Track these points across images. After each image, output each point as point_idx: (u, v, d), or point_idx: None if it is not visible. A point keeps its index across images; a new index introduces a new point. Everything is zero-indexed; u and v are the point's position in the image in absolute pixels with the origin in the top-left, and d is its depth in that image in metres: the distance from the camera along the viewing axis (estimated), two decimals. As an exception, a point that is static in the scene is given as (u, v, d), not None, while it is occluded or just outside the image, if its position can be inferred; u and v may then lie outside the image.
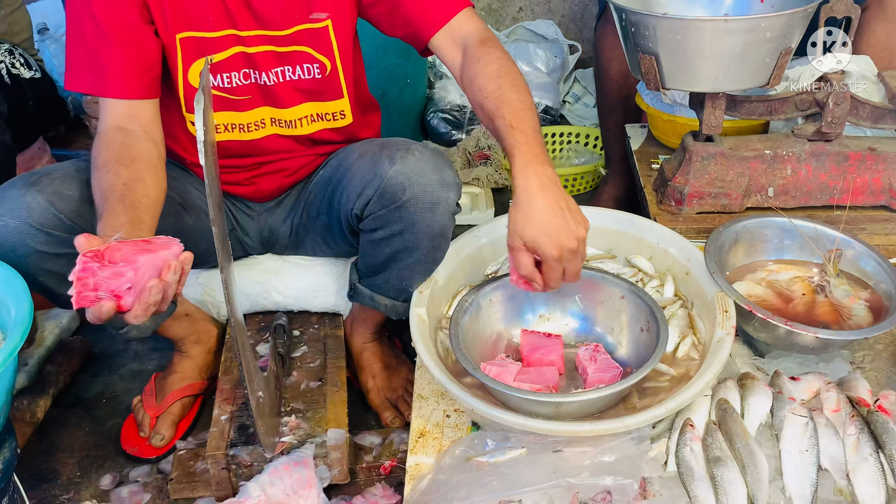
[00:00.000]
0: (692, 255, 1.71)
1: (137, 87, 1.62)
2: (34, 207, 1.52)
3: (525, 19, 3.76)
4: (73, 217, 1.55)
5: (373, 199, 1.61)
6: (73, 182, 1.58)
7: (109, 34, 1.58)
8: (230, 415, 1.75)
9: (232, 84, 1.71)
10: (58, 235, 1.54)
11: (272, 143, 1.79)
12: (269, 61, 1.70)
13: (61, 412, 2.05)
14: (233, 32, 1.66)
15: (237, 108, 1.74)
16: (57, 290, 1.62)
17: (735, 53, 1.69)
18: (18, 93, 2.16)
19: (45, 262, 1.56)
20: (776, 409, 1.48)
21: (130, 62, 1.60)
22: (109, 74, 1.59)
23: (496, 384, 1.43)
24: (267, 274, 2.02)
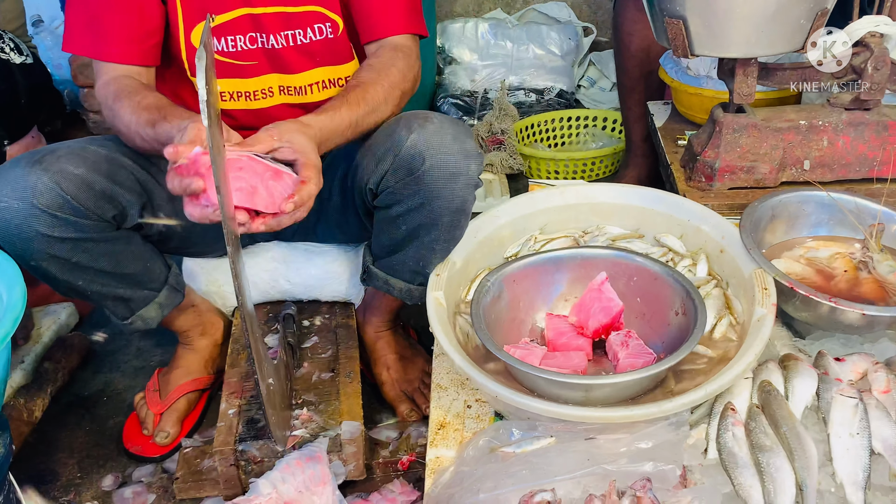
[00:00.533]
0: (727, 232, 1.64)
1: (138, 52, 1.59)
2: (39, 188, 1.47)
3: (537, 2, 3.70)
4: (79, 198, 1.50)
5: (389, 172, 1.55)
6: (78, 160, 1.53)
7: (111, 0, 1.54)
8: (238, 409, 1.69)
9: (237, 48, 1.66)
10: (63, 217, 1.50)
11: (281, 112, 1.73)
12: (276, 23, 1.65)
13: (60, 411, 2.00)
14: None
15: (243, 75, 1.69)
16: (61, 276, 1.58)
17: (769, 14, 1.62)
18: (8, 78, 2.11)
19: (49, 247, 1.51)
20: (822, 391, 1.42)
21: (131, 26, 1.57)
22: (110, 37, 1.57)
23: (523, 365, 1.37)
24: (275, 262, 1.96)
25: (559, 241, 1.75)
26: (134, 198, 1.59)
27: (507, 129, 2.93)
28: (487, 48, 3.45)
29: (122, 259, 1.63)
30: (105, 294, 1.65)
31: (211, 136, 1.02)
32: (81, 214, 1.52)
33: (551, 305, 1.65)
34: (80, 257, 1.56)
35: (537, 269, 1.63)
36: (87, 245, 1.55)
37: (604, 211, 1.80)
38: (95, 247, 1.57)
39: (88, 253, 1.56)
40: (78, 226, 1.52)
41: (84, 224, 1.53)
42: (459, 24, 3.48)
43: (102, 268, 1.60)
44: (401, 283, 1.72)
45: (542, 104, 3.29)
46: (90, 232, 1.54)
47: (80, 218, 1.52)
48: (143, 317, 1.72)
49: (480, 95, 3.33)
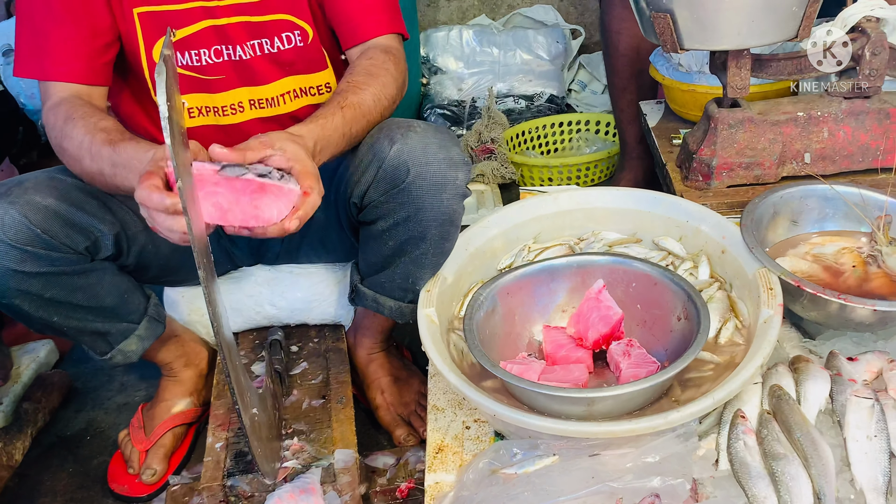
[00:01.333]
0: (727, 232, 1.62)
1: (87, 70, 1.54)
2: (7, 222, 1.44)
3: (522, 6, 3.70)
4: (49, 230, 1.48)
5: (372, 184, 1.52)
6: (47, 190, 1.50)
7: (57, 10, 1.50)
8: (226, 441, 1.66)
9: (202, 62, 1.63)
10: (34, 252, 1.47)
11: (253, 127, 1.69)
12: (242, 34, 1.63)
13: (42, 453, 1.97)
14: (200, 4, 1.59)
15: (210, 90, 1.66)
16: (35, 313, 1.54)
17: (759, 3, 1.60)
18: (-23, 110, 2.09)
19: (21, 283, 1.49)
20: (836, 393, 1.39)
21: (79, 42, 1.53)
22: (56, 55, 1.52)
23: (521, 382, 1.34)
24: (259, 286, 1.93)
25: (554, 250, 1.72)
26: (106, 227, 1.56)
27: (497, 137, 2.91)
28: (473, 55, 3.44)
29: (98, 292, 1.60)
30: (82, 329, 1.62)
31: (175, 156, 0.99)
32: (52, 247, 1.49)
33: (548, 317, 1.62)
34: (54, 292, 1.52)
35: (531, 279, 1.60)
36: (60, 279, 1.52)
37: (599, 216, 1.77)
38: (69, 280, 1.54)
39: (62, 287, 1.53)
40: (49, 259, 1.49)
41: (56, 257, 1.50)
42: (443, 33, 3.47)
43: (78, 302, 1.57)
44: (391, 302, 1.70)
45: (533, 110, 3.27)
46: (63, 265, 1.51)
47: (52, 251, 1.49)
48: (124, 351, 1.69)
49: (468, 104, 3.31)
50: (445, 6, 3.69)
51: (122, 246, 1.61)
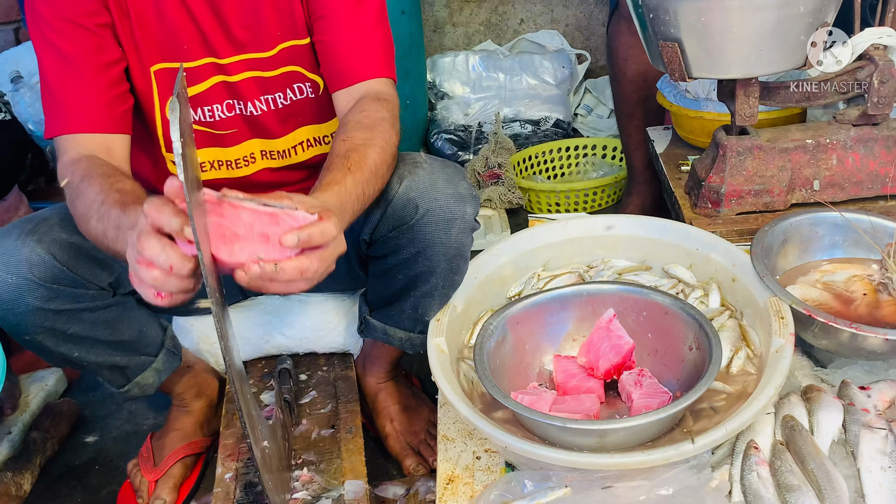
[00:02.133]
0: (738, 260, 1.62)
1: (107, 118, 1.49)
2: (34, 260, 1.44)
3: (527, 31, 3.72)
4: (75, 267, 1.48)
5: (381, 222, 1.52)
6: (72, 227, 1.48)
7: (74, 61, 1.48)
8: (235, 472, 1.66)
9: (215, 117, 1.63)
10: (60, 289, 1.47)
11: (264, 176, 1.71)
12: (253, 89, 1.62)
13: (50, 483, 1.97)
14: (212, 61, 1.58)
15: (223, 144, 1.66)
16: (56, 349, 1.55)
17: (767, 32, 1.61)
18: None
19: (45, 320, 1.49)
20: (849, 423, 1.39)
21: (96, 91, 1.49)
22: (73, 106, 1.48)
23: (532, 413, 1.34)
24: (268, 314, 1.94)
25: (564, 278, 1.72)
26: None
27: (503, 162, 2.92)
28: (479, 81, 3.46)
29: (119, 326, 1.60)
30: (101, 363, 1.63)
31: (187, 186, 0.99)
32: (78, 284, 1.49)
33: (559, 346, 1.62)
34: (77, 328, 1.53)
35: (541, 308, 1.60)
36: (83, 315, 1.52)
37: (608, 244, 1.77)
38: (91, 316, 1.54)
39: (85, 323, 1.54)
40: (74, 296, 1.50)
41: (81, 293, 1.50)
42: (450, 58, 3.49)
43: (99, 337, 1.57)
44: (400, 333, 1.70)
45: (539, 135, 3.28)
46: (87, 301, 1.52)
47: (77, 287, 1.50)
48: (141, 384, 1.69)
49: (475, 129, 3.32)
50: (451, 32, 3.71)
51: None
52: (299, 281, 1.13)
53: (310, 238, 1.10)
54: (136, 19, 1.52)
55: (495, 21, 3.72)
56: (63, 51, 1.47)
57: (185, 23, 1.54)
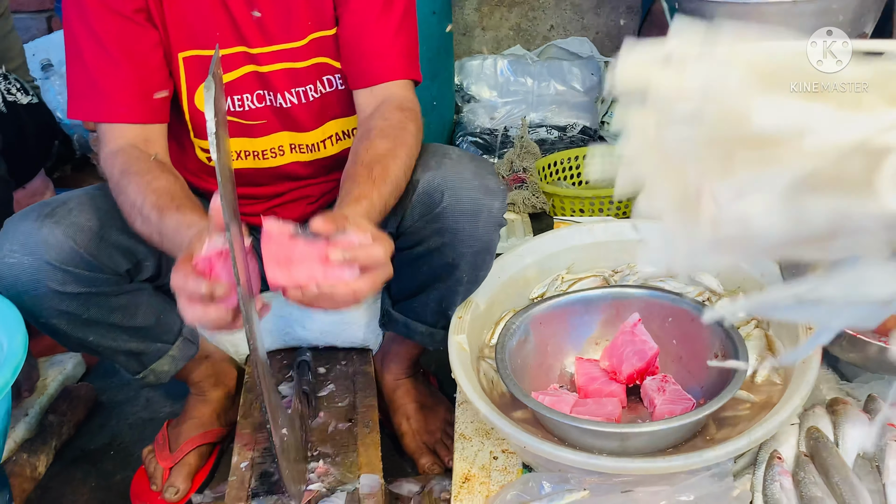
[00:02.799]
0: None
1: (145, 109, 1.52)
2: (51, 242, 1.44)
3: (557, 37, 3.71)
4: (93, 252, 1.48)
5: (408, 211, 1.52)
6: (91, 212, 1.50)
7: (111, 50, 1.49)
8: (251, 461, 1.65)
9: (244, 107, 1.63)
10: (77, 273, 1.47)
11: (293, 169, 1.71)
12: (284, 81, 1.61)
13: (65, 466, 1.96)
14: (243, 50, 1.58)
15: (252, 134, 1.66)
16: (72, 333, 1.55)
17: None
18: (16, 121, 2.10)
19: (61, 303, 1.49)
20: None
21: (135, 82, 1.51)
22: (113, 96, 1.50)
23: (553, 414, 1.32)
24: (289, 307, 1.92)
25: (587, 281, 1.71)
26: (149, 249, 1.56)
27: (528, 167, 2.91)
28: (507, 85, 3.45)
29: (136, 312, 1.60)
30: (117, 349, 1.62)
31: (220, 172, 0.99)
32: (95, 269, 1.49)
33: (581, 349, 1.61)
34: (93, 312, 1.53)
35: (566, 310, 1.59)
36: (99, 299, 1.52)
37: (634, 248, 1.76)
38: (108, 301, 1.54)
39: (101, 307, 1.53)
40: (91, 280, 1.49)
41: (98, 278, 1.50)
42: (478, 61, 3.48)
43: (115, 322, 1.57)
44: (422, 328, 1.69)
45: (566, 141, 3.27)
46: (103, 286, 1.51)
47: (94, 272, 1.49)
48: (156, 371, 1.69)
49: (501, 133, 3.32)
50: (481, 35, 3.71)
51: (162, 268, 1.62)
52: (350, 301, 1.18)
53: (355, 258, 1.15)
54: (169, 5, 1.53)
55: (525, 26, 3.71)
56: (101, 38, 1.48)
57: (217, 11, 1.54)
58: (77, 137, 3.44)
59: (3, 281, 1.46)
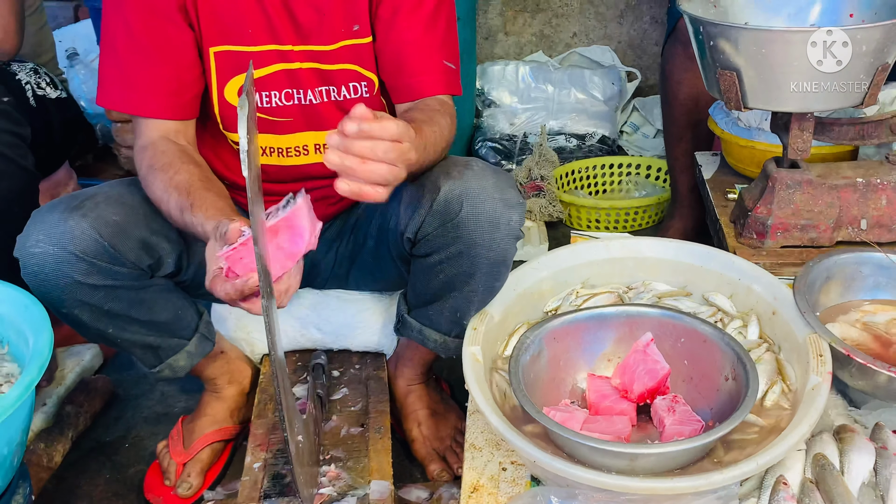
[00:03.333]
0: (779, 293, 1.62)
1: (175, 105, 1.58)
2: (77, 234, 1.48)
3: (579, 45, 3.72)
4: (117, 245, 1.51)
5: (427, 219, 1.54)
6: (117, 206, 1.54)
7: (145, 45, 1.53)
8: (264, 462, 1.68)
9: (272, 104, 1.66)
10: (100, 265, 1.50)
11: (316, 169, 1.73)
12: (312, 79, 1.65)
13: (81, 457, 2.00)
14: (275, 48, 1.61)
15: (277, 131, 1.69)
16: (92, 324, 1.58)
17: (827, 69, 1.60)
18: (44, 115, 2.14)
19: (83, 294, 1.52)
20: (880, 467, 1.38)
21: (167, 78, 1.56)
22: (145, 91, 1.56)
23: (565, 431, 1.34)
24: (305, 308, 1.96)
25: (602, 297, 1.73)
26: (171, 246, 1.60)
27: (546, 175, 2.93)
28: (528, 91, 3.46)
29: (155, 307, 1.63)
30: (135, 342, 1.66)
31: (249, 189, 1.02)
32: (118, 262, 1.53)
33: (593, 365, 1.62)
34: (113, 305, 1.56)
35: (580, 326, 1.61)
36: (120, 292, 1.56)
37: (650, 266, 1.78)
38: (129, 294, 1.57)
39: (122, 301, 1.57)
40: (113, 273, 1.53)
41: (120, 272, 1.54)
42: (500, 67, 3.50)
43: (134, 315, 1.61)
44: (436, 335, 1.71)
45: (584, 150, 3.28)
46: (125, 280, 1.55)
47: (117, 265, 1.53)
48: (172, 366, 1.73)
49: (520, 140, 3.33)
50: (503, 40, 3.73)
51: (182, 264, 1.65)
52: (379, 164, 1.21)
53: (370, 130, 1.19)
54: (203, 2, 1.56)
55: (548, 33, 3.72)
56: (138, 36, 1.53)
57: (252, 8, 1.57)
58: (100, 127, 3.47)
59: (28, 270, 1.50)
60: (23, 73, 2.14)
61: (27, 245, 1.49)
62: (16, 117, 1.96)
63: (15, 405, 1.21)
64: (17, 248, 1.50)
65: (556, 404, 1.53)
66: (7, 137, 1.90)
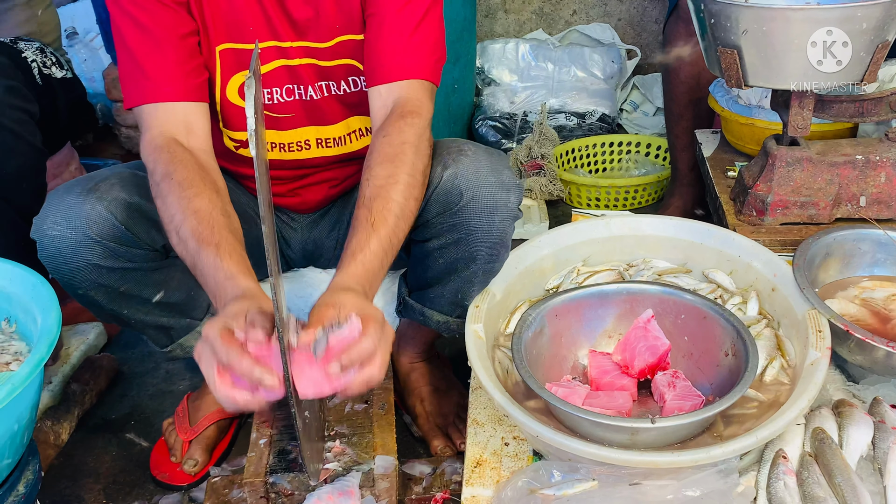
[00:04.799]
0: (779, 270, 1.63)
1: (187, 88, 1.53)
2: (93, 217, 1.48)
3: (579, 23, 3.71)
4: (132, 227, 1.52)
5: (425, 207, 1.55)
6: (132, 188, 1.54)
7: (154, 32, 1.51)
8: (269, 439, 1.70)
9: (274, 100, 1.66)
10: (115, 248, 1.51)
11: (317, 161, 1.74)
12: (312, 75, 1.65)
13: (87, 434, 2.02)
14: (275, 44, 1.61)
15: (279, 127, 1.69)
16: (107, 305, 1.60)
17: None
18: (50, 94, 2.14)
19: (99, 276, 1.53)
20: (878, 440, 1.40)
21: (176, 63, 1.53)
22: (155, 77, 1.51)
23: (566, 406, 1.36)
24: (310, 287, 1.97)
25: (603, 275, 1.74)
26: None
27: (547, 153, 2.93)
28: (528, 70, 3.46)
29: (169, 288, 1.64)
30: (148, 322, 1.67)
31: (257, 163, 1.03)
32: (134, 244, 1.53)
33: (595, 341, 1.64)
34: (129, 286, 1.57)
35: (581, 303, 1.62)
36: (136, 274, 1.57)
37: (650, 244, 1.79)
38: (144, 276, 1.58)
39: (137, 282, 1.58)
40: (129, 255, 1.54)
41: (136, 253, 1.55)
42: (500, 45, 3.50)
43: (148, 297, 1.62)
44: (438, 316, 1.73)
45: (584, 128, 3.29)
46: (141, 261, 1.56)
47: (133, 247, 1.54)
48: (184, 345, 1.74)
49: (520, 118, 3.34)
50: (503, 18, 3.72)
51: None
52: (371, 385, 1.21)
53: (351, 362, 1.17)
54: (208, 1, 1.56)
55: (548, 10, 3.72)
56: (142, 23, 1.51)
57: (251, 5, 1.57)
58: (100, 107, 3.48)
59: (45, 252, 1.51)
60: (29, 52, 2.14)
61: (44, 227, 1.50)
62: (25, 94, 1.96)
63: (24, 383, 1.23)
64: (34, 230, 1.50)
65: (559, 380, 1.55)
66: (17, 114, 1.90)
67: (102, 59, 3.54)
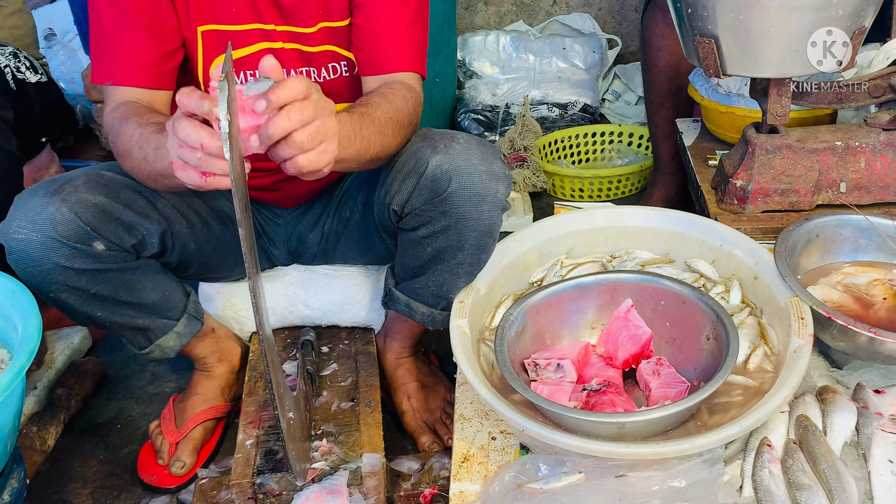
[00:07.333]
0: (761, 258, 1.63)
1: (153, 75, 1.56)
2: (58, 219, 1.48)
3: (559, 13, 3.71)
4: (98, 228, 1.51)
5: (414, 193, 1.55)
6: (97, 188, 1.54)
7: (129, 15, 1.52)
8: (256, 439, 1.69)
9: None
10: (83, 249, 1.51)
11: None
12: (294, 59, 1.65)
13: (73, 439, 2.01)
14: (258, 27, 1.61)
15: None
16: (80, 308, 1.59)
17: (804, 34, 1.61)
18: (24, 98, 2.13)
19: (68, 278, 1.53)
20: (862, 426, 1.40)
21: (147, 48, 1.55)
22: (124, 60, 1.54)
23: (552, 405, 1.36)
24: (293, 286, 1.96)
25: (586, 266, 1.74)
26: (153, 226, 1.60)
27: (529, 145, 2.93)
28: (509, 61, 3.46)
29: (142, 288, 1.64)
30: (123, 324, 1.67)
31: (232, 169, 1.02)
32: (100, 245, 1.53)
33: (577, 334, 1.64)
34: (100, 288, 1.57)
35: (561, 297, 1.61)
36: (106, 275, 1.56)
37: (633, 234, 1.79)
38: (115, 277, 1.58)
39: (108, 283, 1.57)
40: (97, 256, 1.53)
41: (104, 254, 1.54)
42: (480, 37, 3.49)
43: (122, 298, 1.61)
44: (423, 308, 1.72)
45: (566, 119, 3.29)
46: (109, 262, 1.55)
47: (100, 249, 1.53)
48: (162, 346, 1.74)
49: (502, 110, 3.33)
50: (483, 10, 3.71)
51: (167, 244, 1.65)
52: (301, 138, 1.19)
53: (278, 98, 1.16)
54: None
55: (528, 1, 3.71)
56: (120, 4, 1.51)
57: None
58: (80, 108, 3.45)
59: (13, 256, 1.51)
60: (2, 57, 2.13)
61: (10, 231, 1.49)
62: (-2, 101, 1.95)
63: (6, 392, 1.22)
64: (1, 234, 1.50)
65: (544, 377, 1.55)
66: (-10, 121, 1.90)
67: (81, 60, 3.51)
